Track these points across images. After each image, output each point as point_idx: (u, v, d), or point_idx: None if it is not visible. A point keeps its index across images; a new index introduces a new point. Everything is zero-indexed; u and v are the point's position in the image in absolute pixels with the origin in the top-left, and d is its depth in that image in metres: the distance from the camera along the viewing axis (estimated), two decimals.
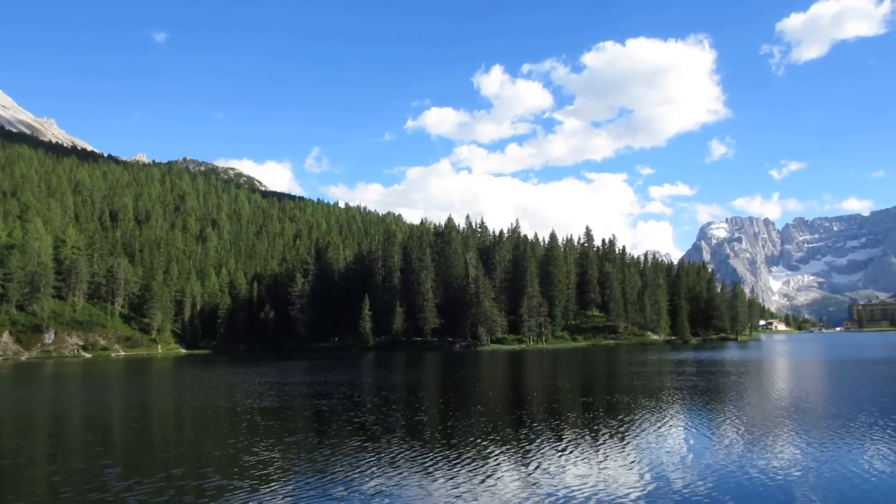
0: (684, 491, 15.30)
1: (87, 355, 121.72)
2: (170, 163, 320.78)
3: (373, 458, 19.65)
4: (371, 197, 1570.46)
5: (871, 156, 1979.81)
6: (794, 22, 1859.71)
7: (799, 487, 15.35)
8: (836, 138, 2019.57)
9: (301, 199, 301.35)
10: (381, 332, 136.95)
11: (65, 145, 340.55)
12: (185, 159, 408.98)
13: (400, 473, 17.66)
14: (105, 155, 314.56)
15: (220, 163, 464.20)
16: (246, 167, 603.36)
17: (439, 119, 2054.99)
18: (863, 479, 16.00)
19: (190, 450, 23.24)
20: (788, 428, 23.99)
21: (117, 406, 37.59)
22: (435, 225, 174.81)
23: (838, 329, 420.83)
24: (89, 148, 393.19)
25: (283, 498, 15.57)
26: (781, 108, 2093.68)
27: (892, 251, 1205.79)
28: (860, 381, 44.71)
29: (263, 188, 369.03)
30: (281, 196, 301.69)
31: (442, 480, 16.78)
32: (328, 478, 17.37)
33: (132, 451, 23.34)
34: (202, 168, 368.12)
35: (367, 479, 17.17)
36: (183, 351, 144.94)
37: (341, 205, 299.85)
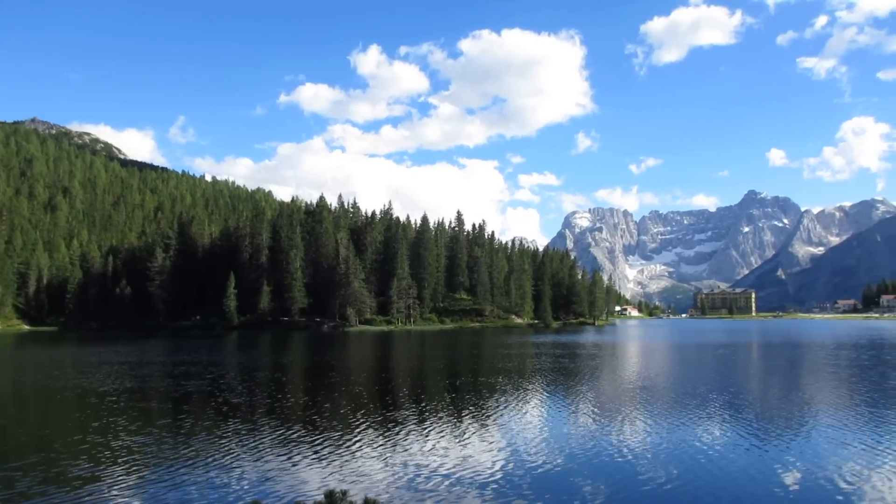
0: (544, 467, 16.25)
1: None
2: (15, 123, 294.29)
3: (241, 442, 19.38)
4: (240, 172, 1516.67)
5: (717, 156, 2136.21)
6: (656, 25, 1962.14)
7: (649, 462, 16.64)
8: (689, 138, 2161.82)
9: (164, 169, 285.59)
10: (247, 311, 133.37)
11: None
12: (33, 120, 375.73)
13: (270, 456, 17.54)
14: None
15: (74, 127, 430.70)
16: (103, 133, 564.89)
17: (314, 95, 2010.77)
18: (707, 453, 17.51)
19: (47, 435, 21.64)
20: (641, 407, 25.82)
21: None
22: (306, 203, 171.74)
23: (684, 316, 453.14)
24: None
25: (148, 485, 15.09)
26: (642, 107, 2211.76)
27: (732, 245, 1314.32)
28: (704, 363, 48.64)
29: (123, 156, 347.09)
30: (142, 165, 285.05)
31: (310, 462, 16.88)
32: (200, 462, 16.95)
33: None
34: (53, 131, 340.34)
35: (236, 462, 16.94)
36: (26, 327, 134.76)
37: (208, 178, 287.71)
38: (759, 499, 13.68)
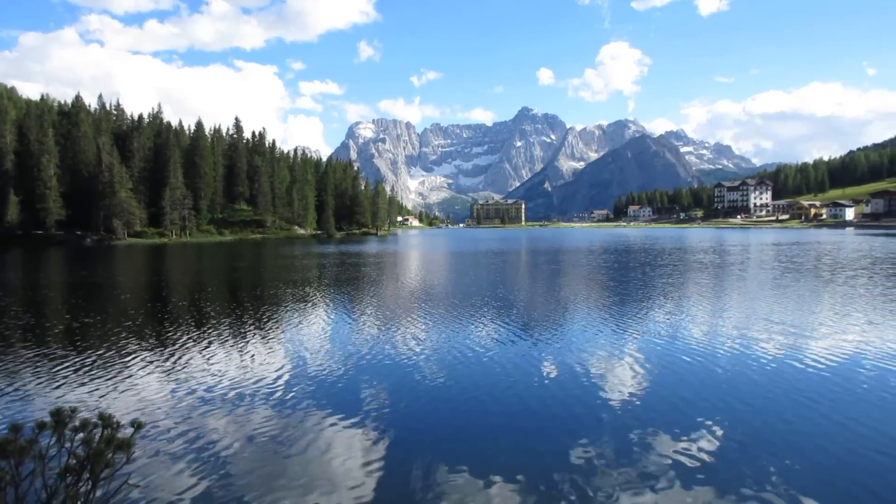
0: (325, 375, 16.35)
1: None
2: None
3: None
4: None
5: (493, 73, 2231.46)
6: None
7: (425, 363, 17.27)
8: (467, 53, 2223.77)
9: None
10: None
11: None
12: None
13: (10, 380, 16.02)
14: None
15: None
16: None
17: None
18: (478, 351, 18.50)
19: None
20: (421, 313, 26.63)
21: None
22: (60, 103, 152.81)
23: (461, 225, 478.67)
24: None
25: None
26: (425, 19, 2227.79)
27: (506, 158, 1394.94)
28: (480, 269, 51.52)
29: None
30: None
31: (59, 384, 15.54)
32: None
33: None
34: None
35: None
36: None
37: None
38: (521, 387, 15.09)
